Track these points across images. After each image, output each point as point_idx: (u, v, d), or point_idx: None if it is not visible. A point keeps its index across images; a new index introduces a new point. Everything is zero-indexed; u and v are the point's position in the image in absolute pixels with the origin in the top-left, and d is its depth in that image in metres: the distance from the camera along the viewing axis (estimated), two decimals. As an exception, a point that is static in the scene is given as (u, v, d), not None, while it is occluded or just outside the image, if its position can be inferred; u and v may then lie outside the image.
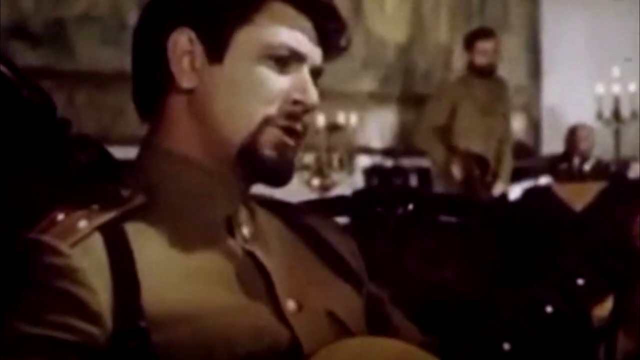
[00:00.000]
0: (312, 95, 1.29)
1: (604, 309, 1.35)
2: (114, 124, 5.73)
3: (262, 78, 1.27)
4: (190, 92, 1.28)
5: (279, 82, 1.27)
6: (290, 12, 1.29)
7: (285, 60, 1.28)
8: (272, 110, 1.27)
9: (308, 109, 1.29)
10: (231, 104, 1.27)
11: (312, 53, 1.31)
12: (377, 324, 1.39)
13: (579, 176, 6.53)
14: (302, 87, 1.29)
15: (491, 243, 1.73)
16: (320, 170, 6.13)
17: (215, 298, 1.23)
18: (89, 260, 1.19)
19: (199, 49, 1.27)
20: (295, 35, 1.28)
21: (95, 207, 1.23)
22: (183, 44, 1.27)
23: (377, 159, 7.12)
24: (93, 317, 1.17)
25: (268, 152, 1.27)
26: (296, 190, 1.52)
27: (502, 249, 1.72)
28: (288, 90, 1.28)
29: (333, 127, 6.28)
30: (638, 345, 1.34)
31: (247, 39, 1.27)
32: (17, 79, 1.41)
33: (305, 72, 1.30)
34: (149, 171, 1.29)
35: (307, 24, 1.30)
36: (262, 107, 1.27)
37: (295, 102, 1.28)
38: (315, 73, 1.32)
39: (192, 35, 1.27)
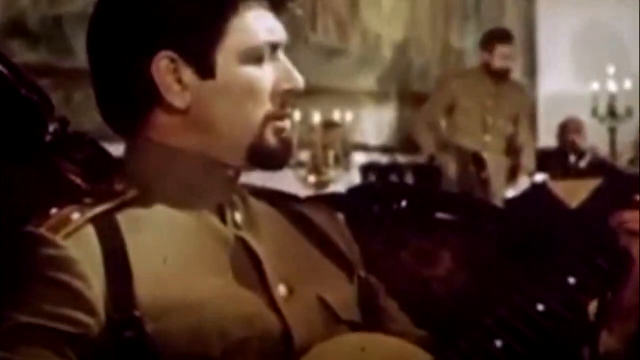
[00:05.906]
0: (298, 79, 1.31)
1: (591, 308, 1.36)
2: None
3: (251, 79, 1.28)
4: (185, 110, 1.28)
5: (265, 78, 1.29)
6: (254, 4, 1.29)
7: (264, 54, 1.30)
8: (269, 106, 1.29)
9: (297, 93, 1.32)
10: (232, 114, 1.28)
11: (282, 34, 1.32)
12: (371, 312, 1.40)
13: (575, 173, 6.53)
14: (288, 76, 1.31)
15: (486, 240, 1.73)
16: (316, 168, 6.12)
17: (209, 287, 1.24)
18: (83, 251, 1.20)
19: (186, 69, 1.27)
20: (269, 27, 1.30)
21: (88, 200, 1.25)
22: (169, 68, 1.26)
23: (373, 157, 7.12)
24: (88, 307, 1.19)
25: (272, 142, 1.30)
26: (292, 188, 1.53)
27: (497, 247, 1.72)
28: (276, 82, 1.30)
29: (329, 125, 6.28)
30: (622, 344, 1.34)
31: (230, 47, 1.27)
32: (15, 78, 1.42)
33: (283, 58, 1.32)
34: (138, 164, 1.30)
35: (266, 4, 1.31)
36: (260, 107, 1.29)
37: (286, 92, 1.31)
38: None
39: (176, 56, 1.26)
